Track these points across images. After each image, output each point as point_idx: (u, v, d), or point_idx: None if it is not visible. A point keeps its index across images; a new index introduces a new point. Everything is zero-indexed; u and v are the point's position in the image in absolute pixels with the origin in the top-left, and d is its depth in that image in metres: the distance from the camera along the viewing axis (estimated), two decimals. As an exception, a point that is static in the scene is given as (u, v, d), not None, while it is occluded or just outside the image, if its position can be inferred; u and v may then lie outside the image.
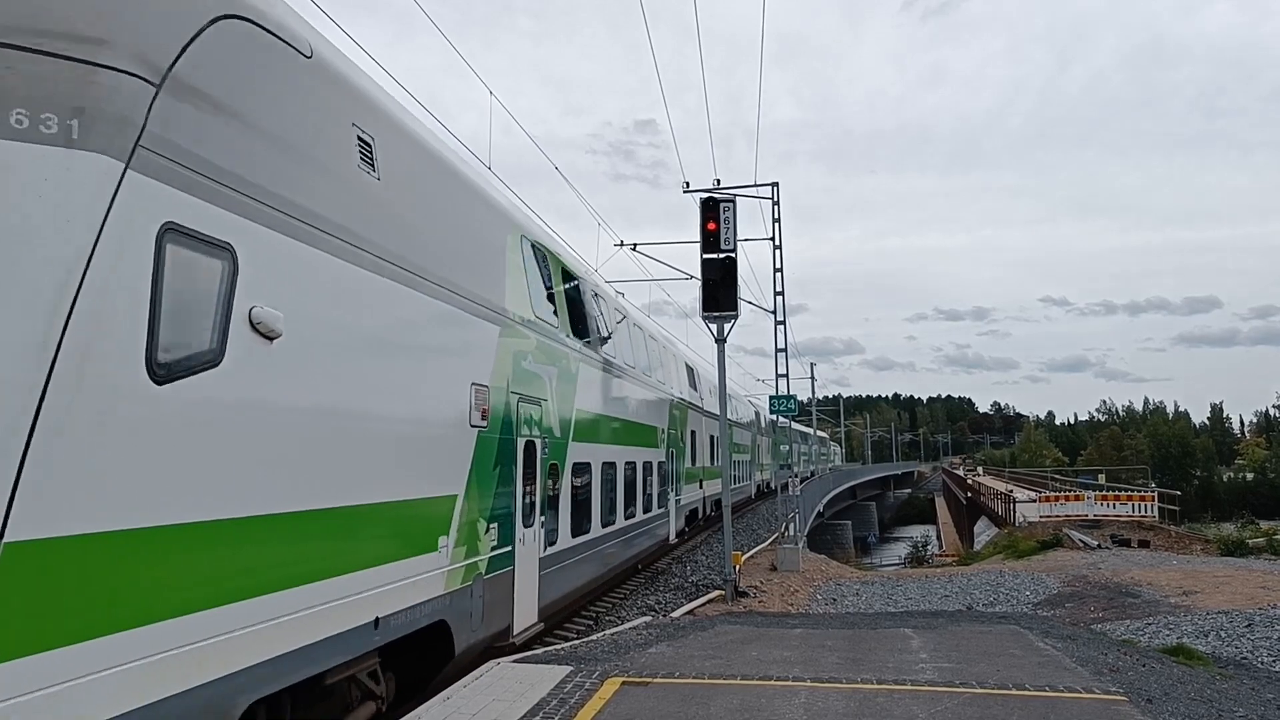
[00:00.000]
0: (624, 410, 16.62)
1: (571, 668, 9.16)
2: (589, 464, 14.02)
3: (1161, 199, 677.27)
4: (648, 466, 18.34)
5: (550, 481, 12.07)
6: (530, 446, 11.24)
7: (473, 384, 9.38)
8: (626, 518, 16.44)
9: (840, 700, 7.88)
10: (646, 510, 18.16)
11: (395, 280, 7.65)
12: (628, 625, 13.01)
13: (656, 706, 7.69)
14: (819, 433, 78.06)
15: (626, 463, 16.38)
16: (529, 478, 11.12)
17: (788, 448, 55.78)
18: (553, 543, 12.07)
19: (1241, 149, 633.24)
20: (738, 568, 17.61)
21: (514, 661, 9.65)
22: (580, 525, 13.42)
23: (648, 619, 14.01)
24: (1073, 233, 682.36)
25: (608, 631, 12.32)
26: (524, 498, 10.89)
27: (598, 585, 15.51)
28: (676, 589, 18.78)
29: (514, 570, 10.55)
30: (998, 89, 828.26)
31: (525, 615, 11.11)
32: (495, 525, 9.91)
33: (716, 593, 17.24)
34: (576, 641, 11.58)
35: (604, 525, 14.94)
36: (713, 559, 23.01)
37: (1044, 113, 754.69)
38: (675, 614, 14.87)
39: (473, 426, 9.34)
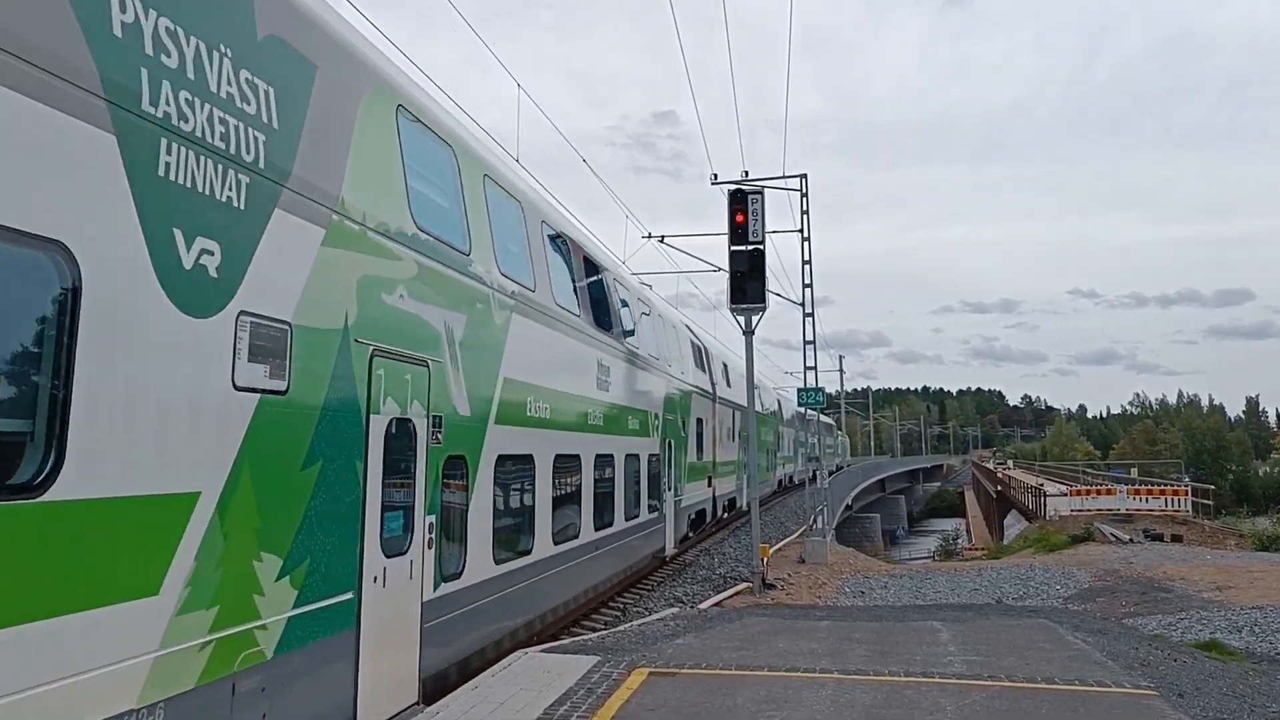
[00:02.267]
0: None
1: (599, 658, 9.21)
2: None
3: (1192, 191, 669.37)
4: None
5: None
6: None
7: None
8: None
9: (868, 692, 7.87)
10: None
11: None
12: (655, 616, 13.04)
13: (683, 697, 7.72)
14: (820, 417, 52.98)
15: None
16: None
17: (774, 438, 42.06)
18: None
19: (1274, 140, 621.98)
20: (765, 560, 17.60)
21: (541, 651, 9.71)
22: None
23: (675, 610, 14.04)
24: (1101, 225, 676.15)
25: (635, 622, 12.36)
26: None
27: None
28: (704, 581, 18.81)
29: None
30: (1024, 80, 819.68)
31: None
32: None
33: (744, 585, 17.24)
34: (604, 632, 11.64)
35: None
36: (740, 551, 23.01)
37: (1071, 104, 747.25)
38: (702, 605, 14.89)
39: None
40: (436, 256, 8.19)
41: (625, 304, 16.28)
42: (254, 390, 5.57)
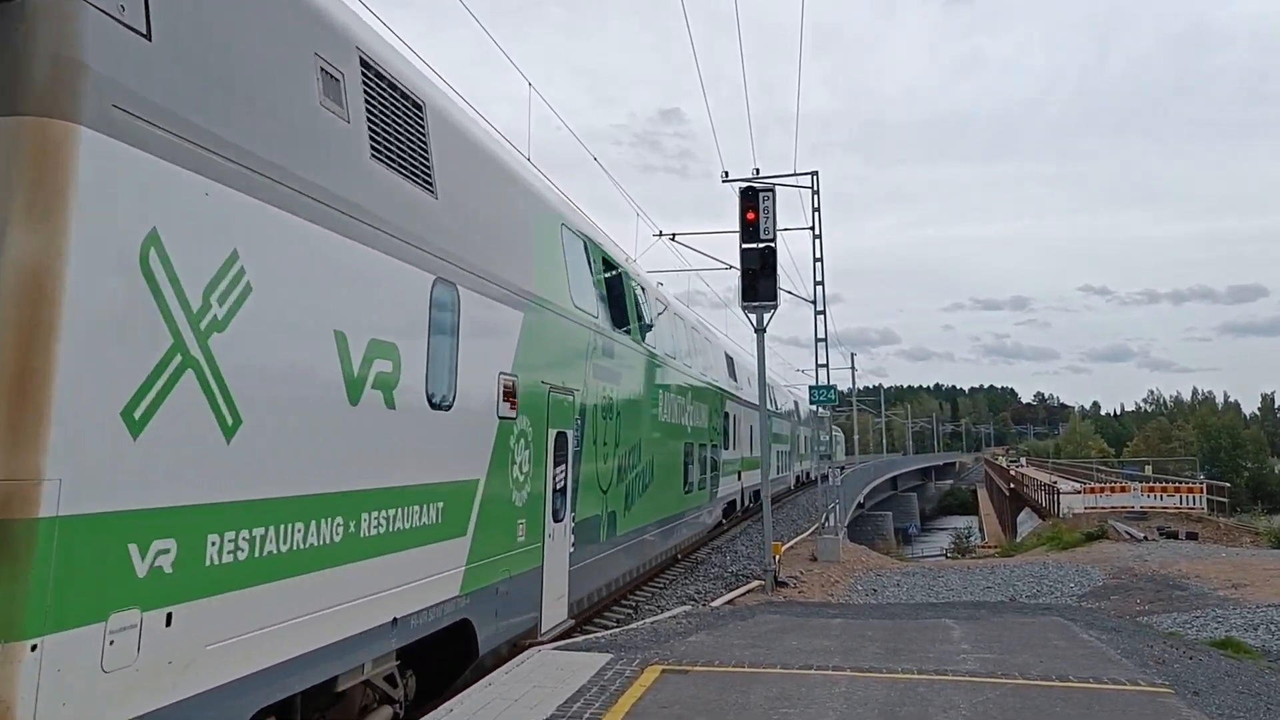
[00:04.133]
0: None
1: (612, 655, 9.22)
2: None
3: (1205, 187, 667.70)
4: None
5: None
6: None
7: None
8: None
9: (881, 689, 7.86)
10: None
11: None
12: (667, 614, 13.05)
13: (697, 694, 7.72)
14: (806, 402, 39.19)
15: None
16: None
17: (703, 424, 21.35)
18: None
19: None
20: (777, 558, 17.60)
21: (555, 649, 9.72)
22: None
23: (687, 608, 14.04)
24: (1113, 221, 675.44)
25: (648, 620, 12.37)
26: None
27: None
28: (716, 578, 18.80)
29: None
30: (1036, 77, 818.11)
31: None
32: None
33: (756, 582, 17.23)
34: (616, 630, 11.64)
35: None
36: (752, 549, 22.99)
37: (1083, 101, 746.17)
38: (715, 603, 14.89)
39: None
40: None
41: None
42: None
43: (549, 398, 10.39)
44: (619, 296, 14.06)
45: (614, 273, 14.01)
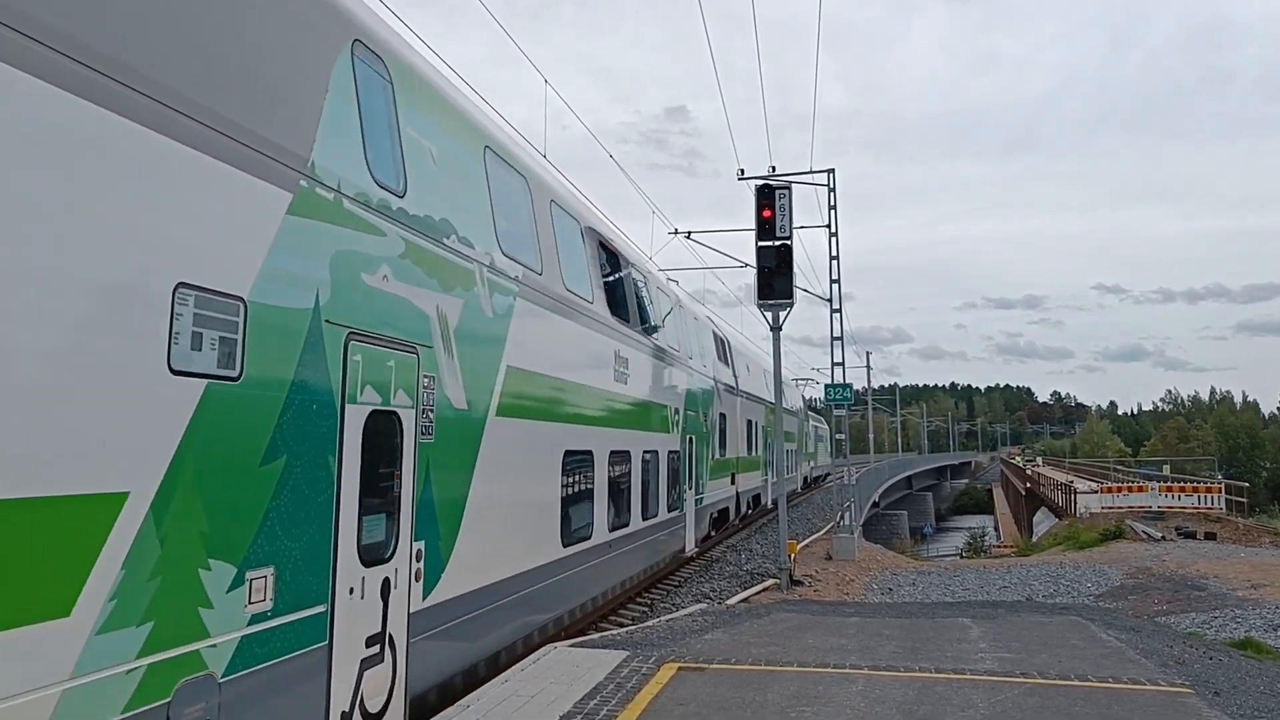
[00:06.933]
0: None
1: (628, 653, 9.23)
2: None
3: (1221, 184, 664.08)
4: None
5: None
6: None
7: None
8: None
9: (899, 688, 7.84)
10: None
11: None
12: (683, 612, 13.05)
13: (713, 692, 7.72)
14: (798, 400, 40.32)
15: None
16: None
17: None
18: None
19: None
20: (793, 556, 17.56)
21: (571, 646, 9.74)
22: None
23: (703, 606, 14.03)
24: (1128, 219, 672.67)
25: (663, 618, 12.37)
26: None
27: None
28: (731, 577, 18.79)
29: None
30: (1052, 74, 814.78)
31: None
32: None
33: (771, 581, 17.22)
34: (632, 627, 11.65)
35: None
36: (767, 547, 22.97)
37: (1100, 97, 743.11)
38: (730, 601, 14.88)
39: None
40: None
41: None
42: None
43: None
44: None
45: None
